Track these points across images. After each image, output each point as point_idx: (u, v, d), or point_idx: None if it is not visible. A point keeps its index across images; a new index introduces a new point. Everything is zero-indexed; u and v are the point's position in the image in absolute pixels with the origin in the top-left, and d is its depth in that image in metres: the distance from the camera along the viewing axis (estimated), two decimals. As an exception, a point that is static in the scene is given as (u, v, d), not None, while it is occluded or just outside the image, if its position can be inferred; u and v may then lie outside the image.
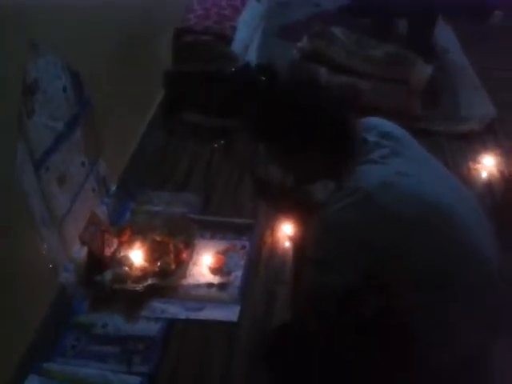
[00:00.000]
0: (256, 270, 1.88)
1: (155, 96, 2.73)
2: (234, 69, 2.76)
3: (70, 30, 1.66)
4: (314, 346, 1.34)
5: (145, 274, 1.78)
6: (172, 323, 1.68)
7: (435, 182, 1.25)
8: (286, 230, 1.97)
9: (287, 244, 1.96)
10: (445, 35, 3.52)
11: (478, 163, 2.40)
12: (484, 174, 2.35)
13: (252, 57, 3.02)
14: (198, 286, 1.81)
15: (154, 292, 1.75)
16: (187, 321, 1.69)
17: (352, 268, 1.19)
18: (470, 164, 2.41)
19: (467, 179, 2.30)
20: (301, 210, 1.56)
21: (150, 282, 1.76)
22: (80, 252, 1.77)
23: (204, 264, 1.88)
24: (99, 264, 1.80)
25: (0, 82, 1.33)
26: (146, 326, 1.66)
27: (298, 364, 1.41)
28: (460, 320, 1.19)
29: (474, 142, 2.57)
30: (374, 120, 1.36)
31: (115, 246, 1.88)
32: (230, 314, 1.71)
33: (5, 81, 1.35)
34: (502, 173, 2.34)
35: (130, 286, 1.74)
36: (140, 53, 2.36)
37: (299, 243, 1.83)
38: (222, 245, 1.96)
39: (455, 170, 2.34)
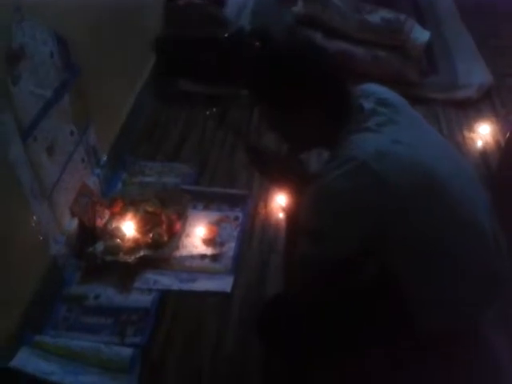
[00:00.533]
0: (249, 241, 1.88)
1: (146, 62, 2.66)
2: (227, 34, 2.69)
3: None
4: (308, 314, 1.35)
5: (137, 245, 1.77)
6: (165, 295, 1.68)
7: (431, 150, 1.23)
8: (280, 201, 1.96)
9: (281, 215, 1.95)
10: (444, 4, 3.44)
11: (474, 132, 2.39)
12: (479, 143, 2.33)
13: (246, 21, 2.94)
14: (191, 257, 1.80)
15: (147, 263, 1.74)
16: (180, 292, 1.69)
17: (347, 236, 1.19)
18: (466, 132, 2.39)
19: (463, 148, 2.29)
20: (295, 179, 1.55)
21: (142, 253, 1.75)
22: (71, 223, 1.75)
23: (197, 235, 1.87)
24: (91, 236, 1.79)
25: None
26: (138, 298, 1.66)
27: (292, 333, 1.42)
28: (453, 288, 1.20)
29: (471, 110, 2.54)
30: (372, 86, 1.33)
31: (107, 217, 1.86)
32: (224, 284, 1.71)
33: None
34: (497, 141, 2.32)
35: (122, 257, 1.73)
36: (130, 17, 2.29)
37: (293, 213, 1.82)
38: (215, 216, 1.95)
39: (450, 138, 2.33)
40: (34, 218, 1.52)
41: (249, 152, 1.66)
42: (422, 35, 2.68)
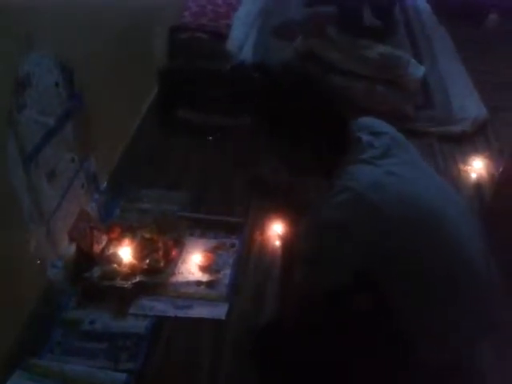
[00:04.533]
0: (245, 269, 1.89)
1: (148, 93, 2.73)
2: (229, 67, 2.75)
3: (63, 25, 1.66)
4: (303, 343, 1.35)
5: (133, 271, 1.78)
6: (160, 321, 1.68)
7: (425, 183, 1.26)
8: (276, 229, 1.98)
9: (277, 243, 1.96)
10: (439, 38, 3.53)
11: (469, 165, 2.42)
12: (474, 176, 2.36)
13: (247, 55, 3.02)
14: (187, 283, 1.81)
15: (143, 289, 1.75)
16: (176, 318, 1.69)
17: (342, 267, 1.20)
18: (461, 166, 2.42)
19: (457, 181, 2.32)
20: (292, 207, 1.58)
21: (138, 279, 1.76)
22: (69, 248, 1.77)
23: (193, 262, 1.88)
24: (88, 261, 1.80)
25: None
26: (134, 323, 1.66)
27: (286, 361, 1.42)
28: (447, 319, 1.21)
29: (465, 143, 2.58)
30: (368, 120, 1.37)
31: (104, 242, 1.88)
32: (219, 311, 1.71)
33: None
34: (491, 175, 2.34)
35: (119, 282, 1.74)
36: (134, 49, 2.35)
37: (289, 242, 1.84)
38: (211, 243, 1.97)
39: (446, 171, 2.37)
40: (33, 242, 1.54)
41: (250, 179, 1.70)
42: (417, 70, 2.75)
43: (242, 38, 3.08)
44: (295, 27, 3.31)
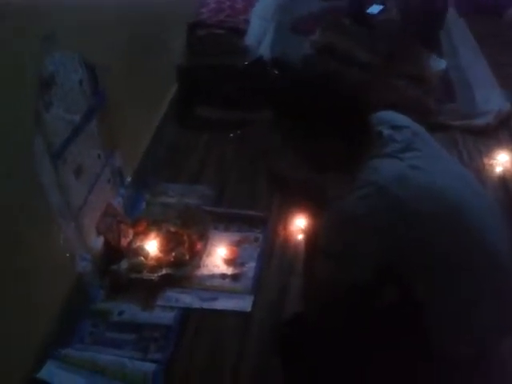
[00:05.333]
0: (269, 262, 1.90)
1: (169, 89, 2.75)
2: (247, 62, 2.77)
3: (85, 23, 1.68)
4: (327, 337, 1.36)
5: (160, 263, 1.82)
6: (187, 312, 1.71)
7: (449, 177, 1.25)
8: (299, 223, 1.99)
9: (300, 237, 1.98)
10: (460, 31, 3.50)
11: (493, 159, 2.40)
12: (499, 170, 2.34)
13: (265, 50, 3.02)
14: (212, 276, 1.83)
15: (169, 282, 1.78)
16: (201, 310, 1.72)
17: (365, 261, 1.20)
18: (485, 159, 2.41)
19: (482, 175, 2.30)
20: (314, 202, 1.58)
21: (164, 271, 1.79)
22: (97, 242, 1.80)
23: (218, 255, 1.90)
24: (115, 254, 1.83)
25: (18, 75, 1.35)
26: (161, 315, 1.69)
27: (310, 355, 1.43)
28: (472, 312, 1.20)
29: (489, 137, 2.56)
30: (388, 114, 1.36)
31: (131, 236, 1.91)
32: (244, 304, 1.73)
33: (23, 74, 1.38)
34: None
35: (146, 275, 1.78)
36: (154, 47, 2.38)
37: (311, 236, 1.84)
38: (235, 236, 1.99)
39: (470, 165, 2.35)
40: (62, 236, 1.58)
41: (270, 175, 1.71)
42: (438, 64, 2.73)
43: (259, 33, 3.08)
44: (312, 21, 3.31)
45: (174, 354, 1.58)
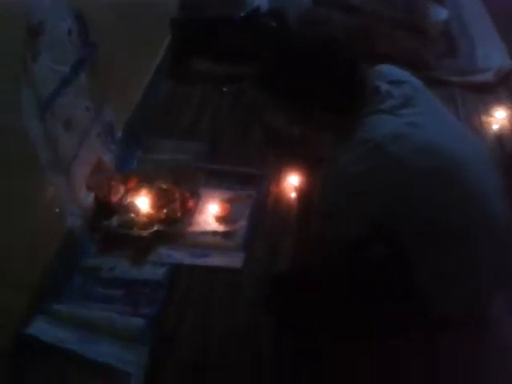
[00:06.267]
0: (261, 219, 1.89)
1: (162, 41, 2.68)
2: (243, 14, 2.68)
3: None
4: (318, 292, 1.37)
5: (151, 220, 1.80)
6: (177, 268, 1.71)
7: (447, 133, 1.24)
8: (293, 181, 1.97)
9: (293, 195, 1.96)
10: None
11: (491, 116, 2.36)
12: (496, 127, 2.31)
13: (262, 1, 2.93)
14: (204, 233, 1.82)
15: (160, 238, 1.77)
16: (192, 266, 1.72)
17: (361, 218, 1.20)
18: (483, 116, 2.37)
19: (479, 131, 2.26)
20: (309, 159, 1.56)
21: (156, 228, 1.78)
22: (87, 198, 1.79)
23: (209, 212, 1.89)
24: (106, 210, 1.82)
25: (4, 23, 1.30)
26: (152, 271, 1.69)
27: (302, 307, 1.44)
28: (463, 272, 1.21)
29: (488, 94, 2.51)
30: (387, 68, 1.33)
31: (122, 192, 1.89)
32: (235, 260, 1.73)
33: (9, 22, 1.33)
34: (513, 126, 2.29)
35: (137, 231, 1.77)
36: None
37: (305, 193, 1.83)
38: (227, 194, 1.96)
39: (467, 121, 2.30)
40: (51, 190, 1.55)
41: (263, 132, 1.68)
42: (439, 13, 2.64)
43: (257, -18, 2.98)
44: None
45: (164, 310, 1.59)
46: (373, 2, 2.66)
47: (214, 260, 1.73)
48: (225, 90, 2.47)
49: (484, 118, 2.36)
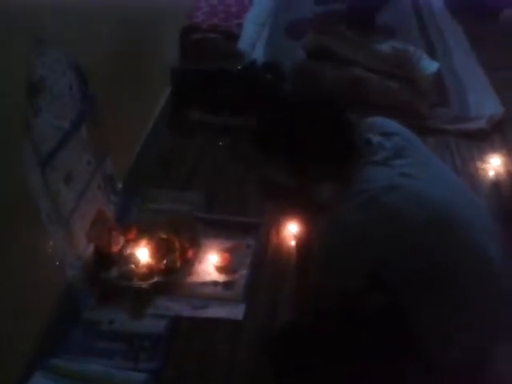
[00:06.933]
0: (261, 269, 1.89)
1: (161, 93, 2.74)
2: (241, 67, 2.76)
3: (74, 27, 1.67)
4: (317, 344, 1.35)
5: (151, 271, 1.79)
6: (177, 320, 1.69)
7: (439, 184, 1.25)
8: (292, 229, 1.98)
9: (293, 243, 1.96)
10: (453, 32, 3.51)
11: (486, 163, 2.39)
12: (491, 174, 2.33)
13: (259, 54, 3.02)
14: (204, 284, 1.81)
15: (160, 289, 1.76)
16: (192, 318, 1.70)
17: (356, 269, 1.21)
18: (478, 163, 2.40)
19: (475, 179, 2.29)
20: (305, 210, 1.57)
21: (155, 279, 1.77)
22: (87, 249, 1.78)
23: (209, 262, 1.88)
24: (106, 261, 1.81)
25: (5, 80, 1.34)
26: (151, 323, 1.67)
27: (302, 362, 1.42)
28: (458, 319, 1.20)
29: (482, 141, 2.55)
30: (377, 120, 1.36)
31: (122, 243, 1.89)
32: (235, 312, 1.71)
33: (11, 79, 1.36)
34: (509, 173, 2.32)
35: (136, 283, 1.76)
36: (146, 50, 2.37)
37: (303, 243, 1.83)
38: (227, 243, 1.96)
39: (463, 168, 2.34)
40: (51, 243, 1.56)
41: (260, 183, 1.69)
42: (430, 66, 2.72)
43: (253, 37, 3.08)
44: (306, 25, 3.31)
45: (164, 364, 1.56)
46: (364, 56, 2.74)
47: (215, 311, 1.72)
48: (221, 144, 2.51)
49: (479, 165, 2.38)
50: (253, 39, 3.05)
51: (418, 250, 1.17)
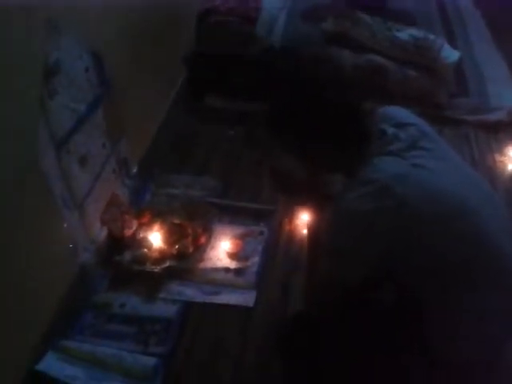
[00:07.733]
0: (273, 257, 1.89)
1: (178, 78, 2.72)
2: (258, 51, 2.73)
3: (91, 10, 1.65)
4: (327, 335, 1.35)
5: (163, 256, 1.80)
6: (189, 306, 1.70)
7: (453, 176, 1.22)
8: (304, 218, 1.97)
9: (305, 231, 1.96)
10: (475, 23, 3.44)
11: (505, 155, 2.35)
12: (510, 167, 2.30)
13: (277, 38, 2.98)
14: (215, 270, 1.82)
15: (172, 274, 1.77)
16: (204, 304, 1.71)
17: (367, 259, 1.19)
18: (497, 156, 2.36)
19: (493, 171, 2.26)
20: (317, 199, 1.56)
21: (167, 264, 1.78)
22: (100, 233, 1.79)
23: (222, 248, 1.89)
24: (119, 245, 1.83)
25: (22, 63, 1.33)
26: (163, 308, 1.69)
27: (311, 352, 1.42)
28: (470, 315, 1.18)
29: (501, 133, 2.51)
30: (393, 110, 1.33)
31: (135, 227, 1.90)
32: (247, 299, 1.72)
33: (27, 61, 1.36)
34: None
35: (149, 267, 1.77)
36: (163, 34, 2.35)
37: (314, 233, 1.83)
38: (240, 230, 1.97)
39: (481, 160, 2.31)
40: (65, 226, 1.57)
41: (272, 174, 1.68)
42: (451, 55, 2.67)
43: (271, 21, 3.03)
44: (325, 10, 3.26)
45: (174, 348, 1.58)
46: (384, 43, 2.69)
47: (226, 298, 1.73)
48: (232, 132, 2.50)
49: (498, 157, 2.35)
50: (270, 23, 3.01)
51: (426, 244, 1.14)
